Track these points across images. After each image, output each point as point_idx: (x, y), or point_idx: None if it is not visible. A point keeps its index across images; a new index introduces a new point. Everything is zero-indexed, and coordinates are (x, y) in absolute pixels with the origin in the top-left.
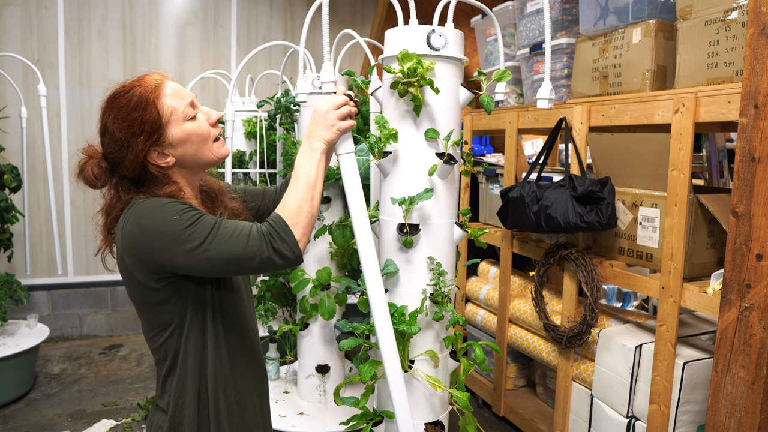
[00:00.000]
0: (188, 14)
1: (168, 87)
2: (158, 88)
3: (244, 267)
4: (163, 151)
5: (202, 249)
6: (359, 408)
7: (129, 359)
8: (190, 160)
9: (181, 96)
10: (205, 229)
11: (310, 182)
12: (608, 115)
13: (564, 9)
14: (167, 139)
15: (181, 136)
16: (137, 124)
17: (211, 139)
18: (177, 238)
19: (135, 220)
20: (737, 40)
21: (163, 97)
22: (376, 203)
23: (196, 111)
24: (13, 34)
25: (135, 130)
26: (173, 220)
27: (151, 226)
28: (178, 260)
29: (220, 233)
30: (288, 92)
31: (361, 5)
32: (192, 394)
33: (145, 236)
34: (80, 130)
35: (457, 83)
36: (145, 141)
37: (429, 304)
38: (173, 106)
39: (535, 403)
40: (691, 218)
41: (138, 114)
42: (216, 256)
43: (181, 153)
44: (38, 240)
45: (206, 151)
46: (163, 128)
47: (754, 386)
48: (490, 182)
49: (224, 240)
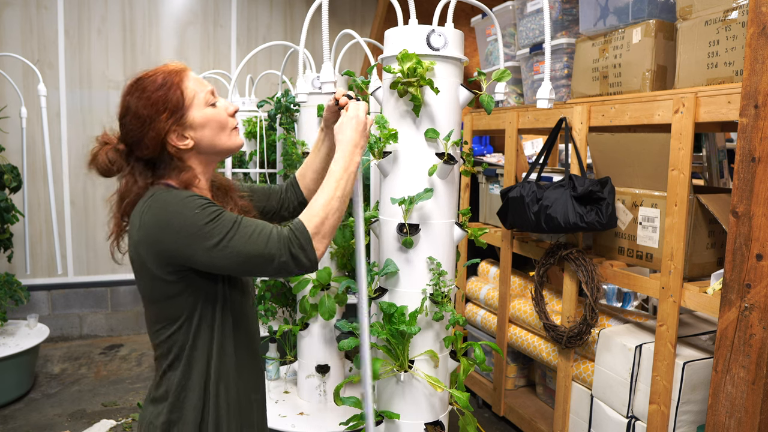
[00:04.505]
0: (188, 14)
1: (191, 74)
2: (183, 72)
3: (260, 268)
4: (183, 133)
5: (222, 246)
6: (359, 408)
7: (129, 359)
8: (207, 145)
9: (203, 84)
10: (225, 227)
11: (344, 195)
12: (608, 115)
13: (564, 9)
14: (188, 120)
15: (202, 119)
16: (161, 101)
17: (229, 127)
18: (197, 233)
19: (154, 212)
20: (737, 40)
21: (187, 80)
22: (376, 203)
23: (216, 99)
24: (13, 34)
25: (159, 108)
26: (194, 214)
27: (172, 219)
28: (196, 256)
29: (240, 232)
30: (288, 92)
31: (361, 5)
32: (195, 387)
33: (165, 229)
34: (80, 130)
35: (456, 83)
36: (168, 118)
37: (429, 304)
38: (196, 90)
39: (535, 403)
40: (691, 218)
41: (162, 93)
42: (235, 254)
43: (200, 137)
44: (38, 240)
45: (223, 138)
46: (185, 109)
47: (754, 386)
48: (490, 182)
49: (244, 239)
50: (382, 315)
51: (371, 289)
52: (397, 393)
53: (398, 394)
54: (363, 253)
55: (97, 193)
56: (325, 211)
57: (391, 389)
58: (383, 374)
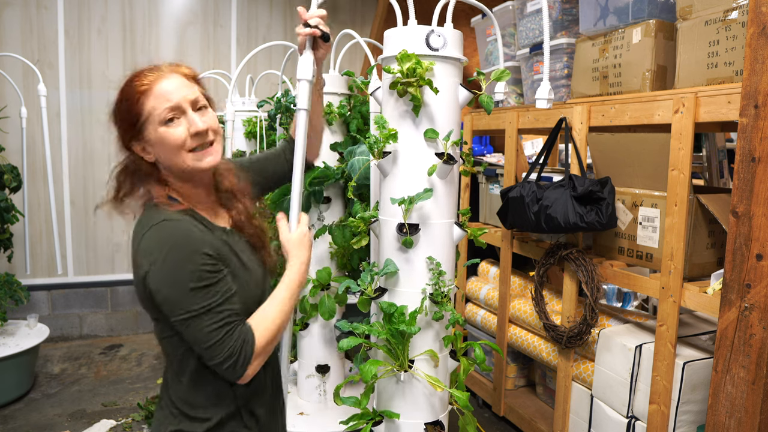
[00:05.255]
0: (188, 14)
1: (160, 86)
2: (150, 85)
3: (202, 353)
4: (144, 147)
5: (185, 319)
6: (359, 408)
7: (129, 359)
8: (167, 164)
9: (167, 98)
10: (203, 300)
11: (292, 310)
12: (608, 115)
13: (564, 9)
14: (145, 136)
15: (155, 138)
16: (121, 113)
17: (185, 149)
18: (181, 297)
19: (158, 255)
20: (737, 40)
21: (149, 96)
22: (375, 203)
23: (177, 115)
24: (13, 34)
25: (118, 118)
26: (190, 272)
27: (169, 274)
28: (171, 316)
29: (208, 316)
30: (288, 92)
31: (361, 5)
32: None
33: (162, 282)
34: (80, 130)
35: (456, 83)
36: (126, 131)
37: (429, 303)
38: (153, 107)
39: (535, 403)
40: (691, 218)
41: (124, 105)
42: (188, 336)
43: (158, 154)
44: (38, 240)
45: (178, 160)
46: (142, 125)
47: (754, 386)
48: (490, 182)
49: (205, 326)
50: (382, 315)
51: (371, 288)
52: (397, 393)
53: (398, 394)
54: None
55: (97, 193)
56: (276, 330)
57: (391, 389)
58: (383, 374)
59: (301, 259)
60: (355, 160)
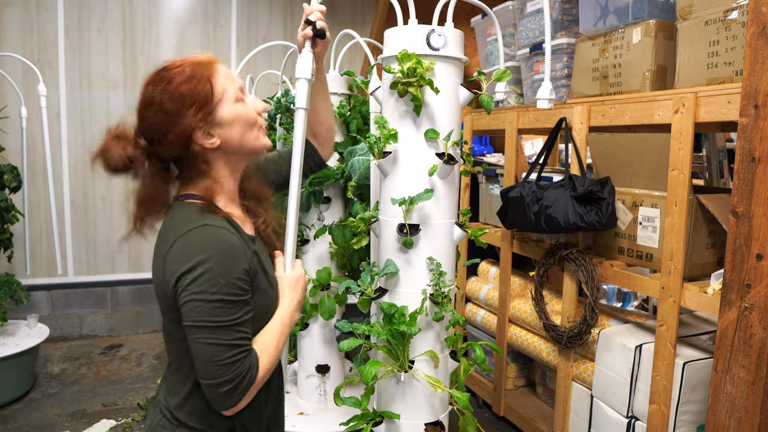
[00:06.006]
0: (188, 14)
1: (221, 68)
2: (212, 65)
3: (202, 368)
4: (210, 131)
5: (200, 327)
6: (359, 408)
7: (129, 359)
8: (235, 145)
9: (233, 79)
10: (226, 314)
11: (282, 350)
12: (608, 115)
13: (564, 9)
14: (216, 117)
15: (231, 116)
16: (189, 95)
17: (257, 126)
18: (207, 305)
19: (197, 261)
20: (737, 40)
21: (217, 74)
22: (376, 203)
23: (245, 96)
24: (13, 34)
25: (187, 102)
26: (226, 284)
27: (205, 282)
28: (186, 320)
29: (225, 332)
30: (288, 92)
31: (361, 5)
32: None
33: (194, 288)
34: (80, 130)
35: (456, 83)
36: (195, 114)
37: (429, 304)
38: (226, 86)
39: (535, 403)
40: (691, 218)
41: (191, 86)
42: (197, 347)
43: (227, 135)
44: (38, 240)
45: (251, 137)
46: (214, 105)
47: (754, 386)
48: (490, 182)
49: (218, 341)
50: (382, 315)
51: (371, 289)
52: (398, 393)
53: (398, 395)
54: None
55: (97, 193)
56: (272, 363)
57: (392, 389)
58: (383, 375)
59: (297, 298)
60: (355, 160)
